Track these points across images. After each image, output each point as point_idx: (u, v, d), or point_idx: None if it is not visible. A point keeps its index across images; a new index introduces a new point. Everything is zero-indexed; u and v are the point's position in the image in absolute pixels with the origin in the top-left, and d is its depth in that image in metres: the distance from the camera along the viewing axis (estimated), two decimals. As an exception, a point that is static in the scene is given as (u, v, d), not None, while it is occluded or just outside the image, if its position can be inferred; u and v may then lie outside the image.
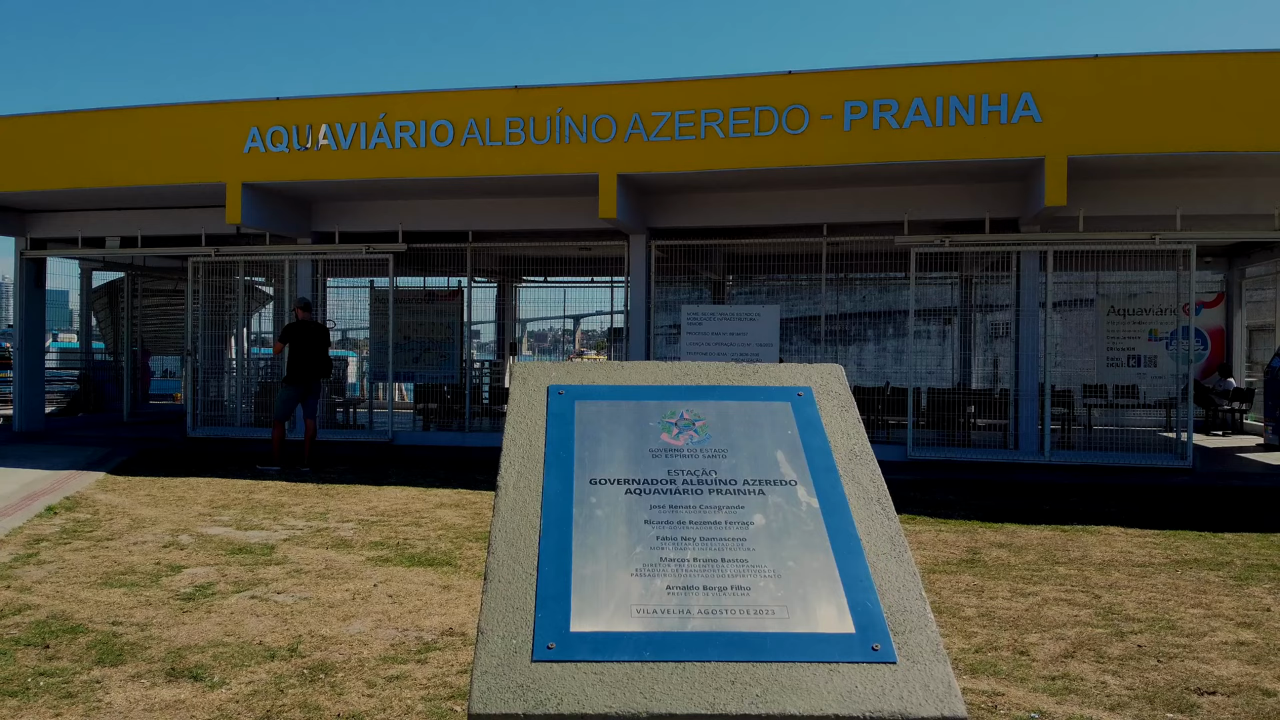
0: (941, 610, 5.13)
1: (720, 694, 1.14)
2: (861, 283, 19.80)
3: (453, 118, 11.25)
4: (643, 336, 12.65)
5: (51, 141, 12.53)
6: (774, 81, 10.51)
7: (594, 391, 1.60)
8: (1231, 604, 5.48)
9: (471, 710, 1.15)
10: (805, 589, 1.30)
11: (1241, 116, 9.62)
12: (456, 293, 15.18)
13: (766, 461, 1.50)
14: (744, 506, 1.42)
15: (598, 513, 1.40)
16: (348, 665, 4.14)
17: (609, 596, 1.30)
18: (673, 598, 1.29)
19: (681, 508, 1.42)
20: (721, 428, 1.55)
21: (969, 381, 17.04)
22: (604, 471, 1.47)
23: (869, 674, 1.18)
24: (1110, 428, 15.25)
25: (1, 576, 5.60)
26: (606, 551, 1.35)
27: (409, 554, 6.35)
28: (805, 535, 1.38)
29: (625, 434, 1.52)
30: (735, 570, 1.33)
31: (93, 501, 8.25)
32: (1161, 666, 4.27)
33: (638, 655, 1.19)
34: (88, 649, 4.33)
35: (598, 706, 1.12)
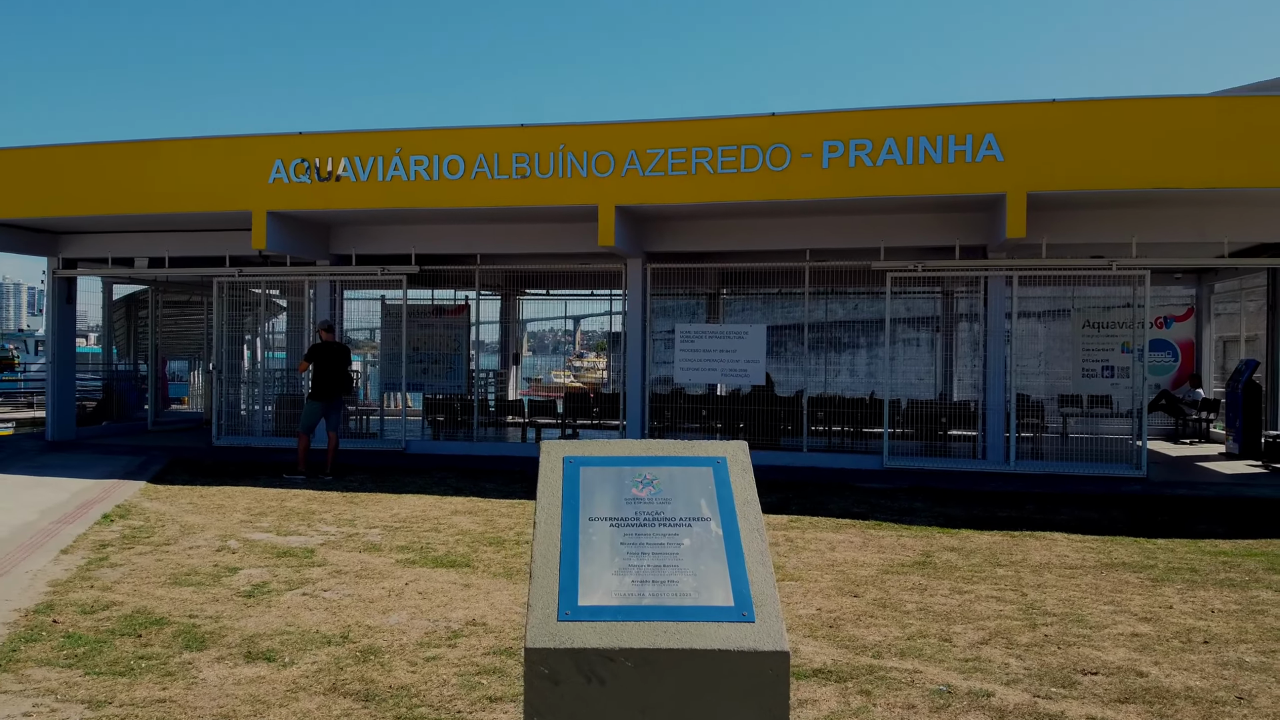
0: (885, 605, 6.04)
1: (658, 637, 2.05)
2: (854, 295, 20.75)
3: (464, 152, 12.16)
4: (639, 354, 13.54)
5: (87, 170, 13.45)
6: (758, 122, 11.43)
7: (592, 460, 2.51)
8: (1141, 601, 6.39)
9: (527, 645, 2.07)
10: (709, 582, 2.20)
11: (1190, 154, 10.53)
12: (463, 307, 16.10)
13: (694, 506, 2.40)
14: (678, 534, 2.32)
15: (593, 538, 2.31)
16: (391, 649, 5.05)
17: (599, 586, 2.21)
18: (635, 587, 2.20)
19: (642, 535, 2.33)
20: (668, 484, 2.45)
21: (950, 392, 17.92)
22: (596, 512, 2.38)
23: (739, 628, 2.09)
24: (1085, 435, 16.12)
25: (84, 578, 6.52)
26: (598, 560, 2.26)
27: (432, 556, 7.27)
28: (712, 551, 2.28)
29: (610, 489, 2.43)
30: (671, 572, 2.24)
31: (142, 509, 9.17)
32: (1060, 652, 5.19)
33: (615, 618, 2.10)
34: (174, 637, 5.25)
35: (592, 643, 2.03)
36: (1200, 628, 5.74)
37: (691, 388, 15.27)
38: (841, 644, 5.23)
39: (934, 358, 20.49)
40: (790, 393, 14.77)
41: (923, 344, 23.12)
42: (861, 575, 6.90)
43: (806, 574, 6.91)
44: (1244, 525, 9.25)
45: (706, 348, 13.48)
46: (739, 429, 13.93)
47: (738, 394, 14.58)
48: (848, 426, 13.73)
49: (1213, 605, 6.30)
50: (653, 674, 2.03)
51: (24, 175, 13.69)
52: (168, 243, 14.96)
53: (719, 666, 2.02)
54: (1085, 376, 18.53)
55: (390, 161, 12.35)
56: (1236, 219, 11.91)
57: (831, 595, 6.31)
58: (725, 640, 2.05)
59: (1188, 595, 6.56)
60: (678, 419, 14.85)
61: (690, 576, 2.20)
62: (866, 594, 6.35)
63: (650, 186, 11.76)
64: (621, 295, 14.81)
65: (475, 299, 15.72)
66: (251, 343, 18.27)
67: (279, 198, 12.69)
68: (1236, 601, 6.41)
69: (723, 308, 20.00)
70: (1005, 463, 12.35)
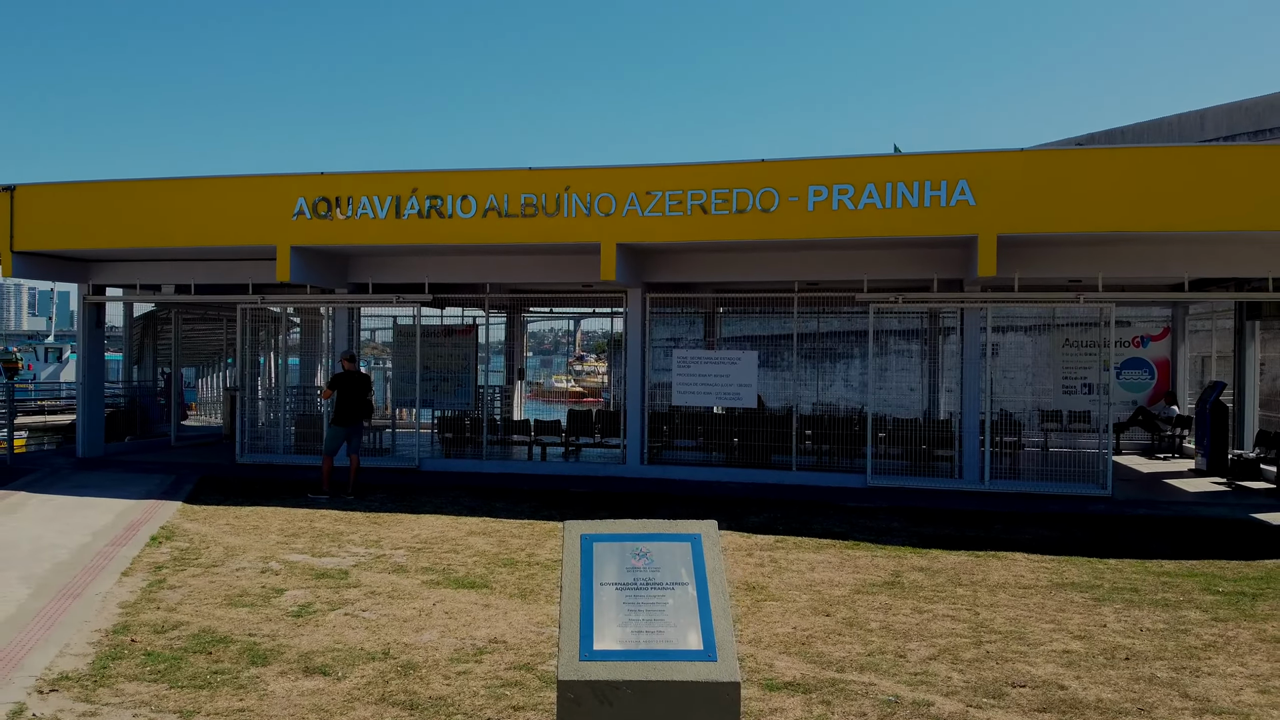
0: (853, 624, 6.92)
1: (649, 672, 2.93)
2: (844, 314, 21.63)
3: (475, 192, 13.05)
4: (638, 378, 14.42)
5: (122, 206, 14.34)
6: (749, 168, 12.31)
7: (602, 537, 3.37)
8: (1079, 621, 7.26)
9: (559, 678, 2.95)
10: (686, 632, 3.07)
11: (1145, 200, 11.41)
12: (472, 328, 16.99)
13: (676, 573, 3.26)
14: (664, 595, 3.19)
15: (603, 599, 3.18)
16: (427, 664, 5.93)
17: (608, 634, 3.07)
18: (633, 635, 3.07)
19: (638, 596, 3.19)
20: (658, 556, 3.31)
21: (936, 409, 18.77)
22: (605, 579, 3.25)
23: (706, 666, 2.95)
24: (1066, 449, 16.98)
25: (149, 599, 7.40)
26: (606, 615, 3.13)
27: (454, 578, 8.15)
28: (689, 609, 3.14)
29: (614, 560, 3.30)
30: (659, 624, 3.10)
31: (185, 531, 10.05)
32: (996, 667, 6.07)
33: (619, 658, 2.97)
34: (240, 654, 6.13)
35: (603, 677, 2.90)
36: (1126, 645, 6.62)
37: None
38: (811, 660, 6.11)
39: (923, 369, 21.34)
40: (783, 403, 15.58)
41: (914, 354, 24.00)
42: (835, 595, 7.78)
43: (786, 594, 7.79)
44: (1192, 546, 10.12)
45: (702, 372, 14.36)
46: (733, 448, 14.82)
47: (732, 413, 15.46)
48: (835, 445, 14.59)
49: (1143, 624, 7.18)
50: (646, 699, 2.89)
51: (61, 209, 14.58)
52: (193, 270, 15.86)
53: (692, 693, 2.89)
54: (1065, 393, 19.46)
55: (407, 200, 13.24)
56: (1195, 255, 12.78)
57: (806, 615, 7.18)
58: (696, 675, 2.91)
59: (1123, 614, 7.44)
60: (674, 436, 15.74)
61: (672, 628, 3.07)
62: (837, 613, 7.23)
63: (649, 225, 12.65)
64: (623, 312, 15.70)
65: (485, 323, 16.59)
66: (269, 362, 19.17)
67: (302, 233, 13.57)
68: (1165, 621, 7.28)
69: (719, 324, 20.88)
70: (980, 482, 13.22)
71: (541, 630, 6.66)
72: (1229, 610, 7.60)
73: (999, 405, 20.50)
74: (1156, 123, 36.42)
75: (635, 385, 14.46)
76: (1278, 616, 7.43)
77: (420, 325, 15.61)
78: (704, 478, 14.24)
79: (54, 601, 7.30)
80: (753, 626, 6.82)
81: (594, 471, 14.82)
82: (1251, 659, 6.35)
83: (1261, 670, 6.12)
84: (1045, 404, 19.55)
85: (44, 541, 9.46)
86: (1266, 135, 33.23)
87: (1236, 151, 11.82)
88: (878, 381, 15.19)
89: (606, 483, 13.90)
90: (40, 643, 6.30)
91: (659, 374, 24.46)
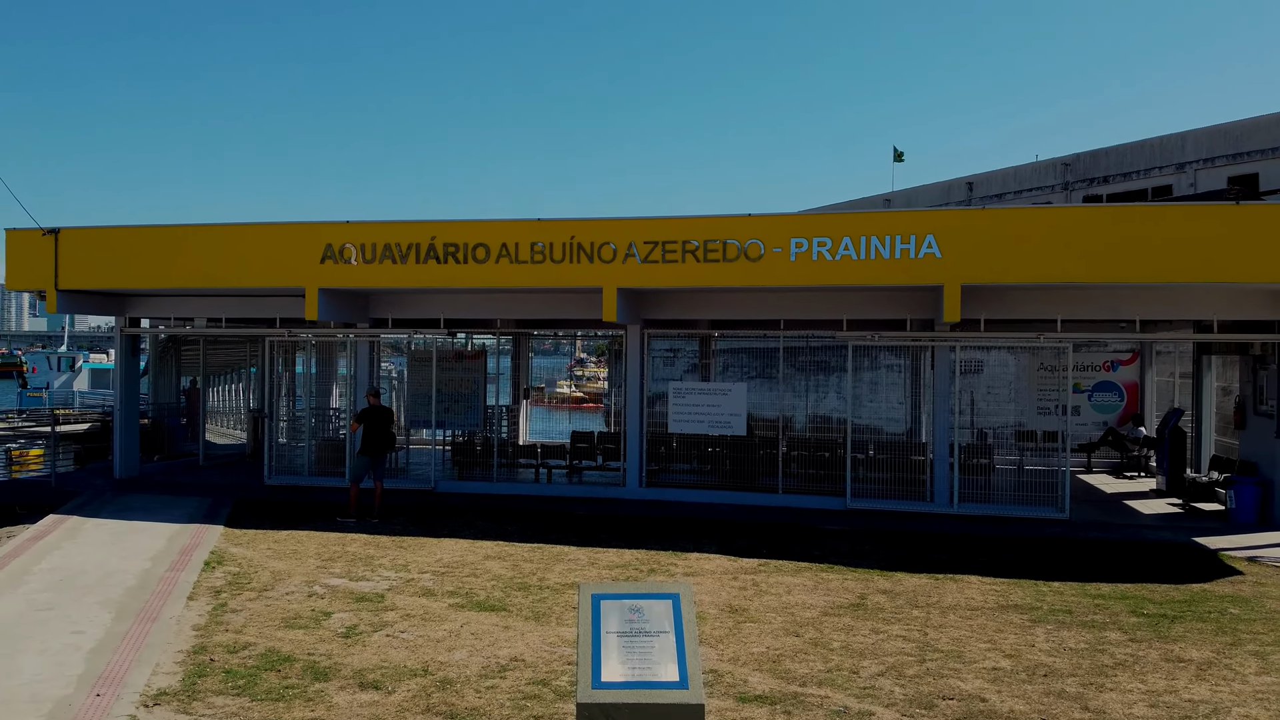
0: (818, 644, 8.14)
1: (641, 697, 4.13)
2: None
3: (488, 241, 14.28)
4: (637, 408, 15.65)
5: (159, 248, 15.56)
6: (737, 221, 13.55)
7: (608, 596, 4.58)
8: (1013, 640, 8.48)
9: (578, 701, 4.16)
10: (668, 667, 4.27)
11: (1095, 254, 12.61)
12: (481, 353, 18.23)
13: (661, 624, 4.47)
14: (652, 641, 4.39)
15: (609, 643, 4.39)
16: (460, 680, 7.15)
17: (612, 669, 4.26)
18: (630, 670, 4.27)
19: (634, 641, 4.40)
20: (648, 611, 4.52)
21: (920, 424, 19.94)
22: (609, 629, 4.46)
23: (680, 693, 4.15)
24: (1039, 467, 18.19)
25: (217, 622, 8.62)
26: (611, 655, 4.32)
27: (476, 601, 9.38)
28: (670, 651, 4.34)
29: (616, 614, 4.51)
30: (648, 662, 4.30)
31: (233, 556, 11.28)
32: (934, 682, 7.29)
33: (620, 687, 4.16)
34: (303, 671, 7.35)
35: (609, 700, 4.10)
36: (1047, 663, 7.84)
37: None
38: (779, 675, 7.34)
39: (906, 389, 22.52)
40: (777, 413, 16.62)
41: (903, 368, 25.22)
42: (806, 617, 9.01)
43: (764, 616, 9.02)
44: (1132, 569, 11.34)
45: (696, 402, 15.60)
46: (724, 472, 16.05)
47: (724, 438, 16.66)
48: (817, 470, 15.79)
49: (1067, 644, 8.40)
50: (639, 716, 4.09)
51: (102, 251, 15.81)
52: (223, 305, 17.11)
53: (671, 712, 4.08)
54: (1040, 413, 20.71)
55: (426, 247, 14.46)
56: (1145, 300, 14.01)
57: (779, 635, 8.41)
58: (673, 699, 4.12)
59: (1053, 635, 8.66)
60: (671, 460, 16.96)
61: (658, 664, 4.28)
62: (806, 634, 8.46)
63: (646, 271, 13.88)
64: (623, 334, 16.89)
65: (496, 351, 17.82)
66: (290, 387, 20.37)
67: (329, 276, 14.79)
68: (1087, 641, 8.50)
69: (714, 348, 22.13)
70: (949, 505, 14.44)
71: (554, 650, 7.89)
72: (1147, 632, 8.82)
73: (981, 421, 21.82)
74: (1140, 144, 37.71)
75: (634, 414, 15.68)
76: (1187, 638, 8.65)
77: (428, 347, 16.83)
78: (697, 499, 15.46)
79: (135, 625, 8.53)
80: (732, 647, 8.05)
81: (596, 493, 16.04)
82: (1152, 677, 7.57)
83: (1157, 687, 7.33)
84: (1022, 423, 20.77)
85: (110, 567, 10.69)
86: (1244, 158, 34.53)
87: (1174, 211, 13.04)
88: (860, 403, 16.41)
89: (607, 504, 15.12)
90: (134, 663, 7.52)
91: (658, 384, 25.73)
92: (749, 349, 27.19)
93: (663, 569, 10.90)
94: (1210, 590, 10.41)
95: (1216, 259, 12.22)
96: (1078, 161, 39.13)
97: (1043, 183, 40.35)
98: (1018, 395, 23.64)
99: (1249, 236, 12.17)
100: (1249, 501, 14.31)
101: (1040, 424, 20.16)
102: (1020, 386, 22.43)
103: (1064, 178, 39.28)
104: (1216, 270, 12.29)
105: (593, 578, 10.45)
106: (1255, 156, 33.53)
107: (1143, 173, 36.56)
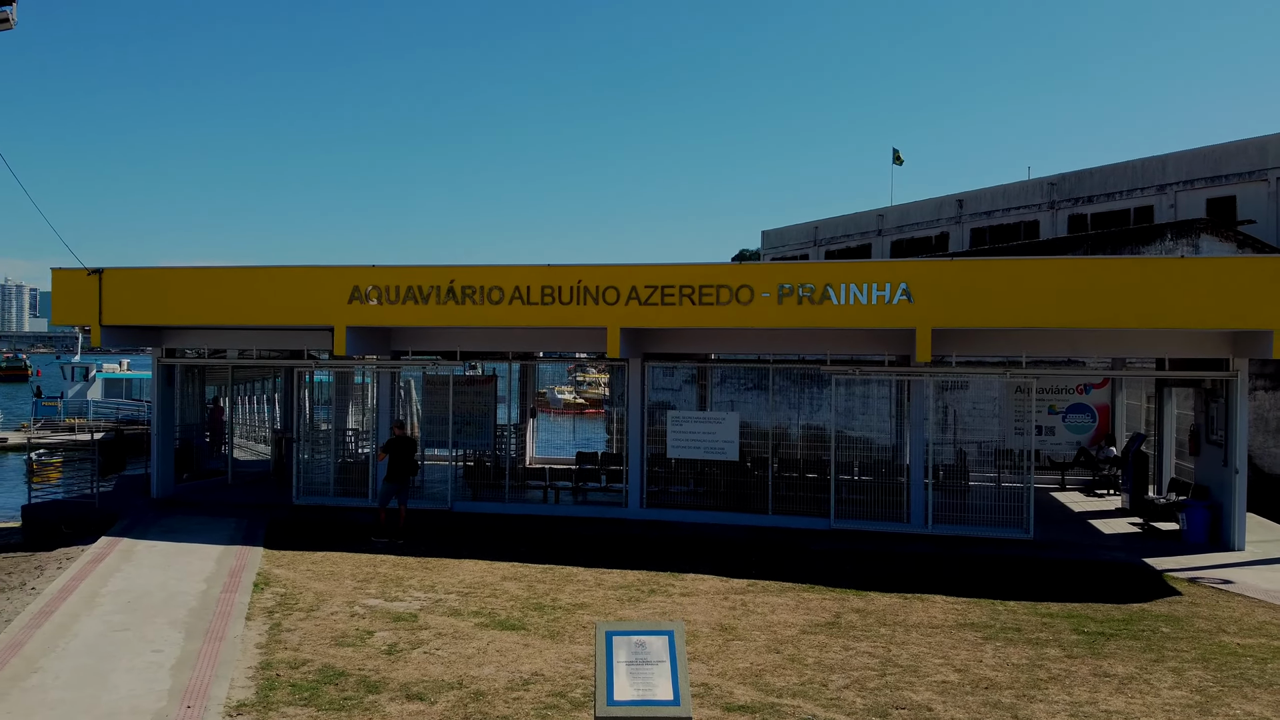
0: (795, 660, 9.46)
1: (644, 712, 5.46)
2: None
3: (502, 284, 15.61)
4: (638, 435, 16.97)
5: (197, 288, 16.90)
6: (729, 269, 14.90)
7: (619, 632, 5.86)
8: (965, 656, 9.80)
9: (595, 716, 5.47)
10: (664, 688, 5.57)
11: (1054, 301, 13.94)
12: (491, 378, 19.56)
13: (659, 655, 5.76)
14: (653, 669, 5.69)
15: (619, 670, 5.68)
16: (491, 692, 8.47)
17: (622, 690, 5.57)
18: (636, 691, 5.58)
19: (638, 669, 5.70)
20: (649, 644, 5.81)
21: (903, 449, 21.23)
22: (619, 659, 5.75)
23: (673, 709, 5.47)
24: (1016, 485, 19.49)
25: (276, 641, 9.95)
26: (621, 679, 5.62)
27: (498, 620, 10.70)
28: (666, 676, 5.64)
29: (625, 647, 5.80)
30: (650, 684, 5.61)
31: (277, 578, 12.60)
32: (890, 694, 8.61)
33: (629, 704, 5.47)
34: (357, 685, 8.68)
35: (620, 715, 5.43)
36: (990, 677, 9.16)
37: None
38: (759, 688, 8.66)
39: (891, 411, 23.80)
40: (773, 424, 17.94)
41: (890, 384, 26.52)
42: (786, 635, 10.33)
43: (749, 634, 10.35)
44: (1082, 589, 12.66)
45: (693, 430, 16.92)
46: (718, 494, 17.37)
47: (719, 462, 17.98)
48: (805, 493, 17.10)
49: (1011, 660, 9.72)
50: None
51: (143, 290, 17.14)
52: (254, 338, 18.43)
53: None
54: (1017, 433, 22.03)
55: (445, 290, 15.79)
56: (1102, 340, 15.35)
57: (762, 652, 9.74)
58: (668, 713, 5.43)
59: (1000, 651, 9.98)
60: (670, 481, 18.27)
61: (656, 687, 5.60)
62: (785, 650, 9.78)
63: (647, 313, 15.21)
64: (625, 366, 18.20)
65: (507, 375, 19.15)
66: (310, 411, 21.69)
67: (356, 316, 16.13)
68: (1029, 657, 9.81)
69: (710, 373, 23.44)
70: (924, 526, 15.76)
71: (569, 666, 9.21)
72: (1083, 649, 10.14)
73: (967, 435, 23.16)
74: (1123, 165, 39.10)
75: (635, 441, 17.01)
76: (1118, 655, 9.96)
77: (441, 373, 18.17)
78: (694, 519, 16.78)
79: (205, 644, 9.85)
80: (721, 663, 9.38)
81: (600, 513, 17.35)
82: (1078, 690, 8.88)
83: (1080, 699, 8.64)
84: (1002, 440, 22.09)
85: (170, 589, 12.01)
86: (1222, 181, 35.93)
87: (1123, 263, 14.39)
88: (853, 415, 17.73)
89: (611, 525, 16.45)
90: (213, 678, 8.85)
91: (658, 392, 27.12)
92: (744, 369, 28.54)
93: (662, 590, 12.23)
94: (1148, 610, 11.73)
95: (1163, 306, 13.56)
96: (1064, 181, 40.47)
97: (1030, 201, 41.72)
98: (1001, 411, 25.01)
99: (1192, 286, 13.51)
100: (1200, 524, 15.64)
101: (1017, 443, 21.50)
102: (1002, 404, 23.78)
103: (1050, 196, 40.64)
104: (1162, 317, 13.63)
105: (600, 598, 11.78)
106: (1233, 180, 34.94)
107: (1125, 193, 37.96)
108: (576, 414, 67.84)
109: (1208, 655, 9.91)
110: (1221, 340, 14.86)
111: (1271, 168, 33.54)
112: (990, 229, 43.07)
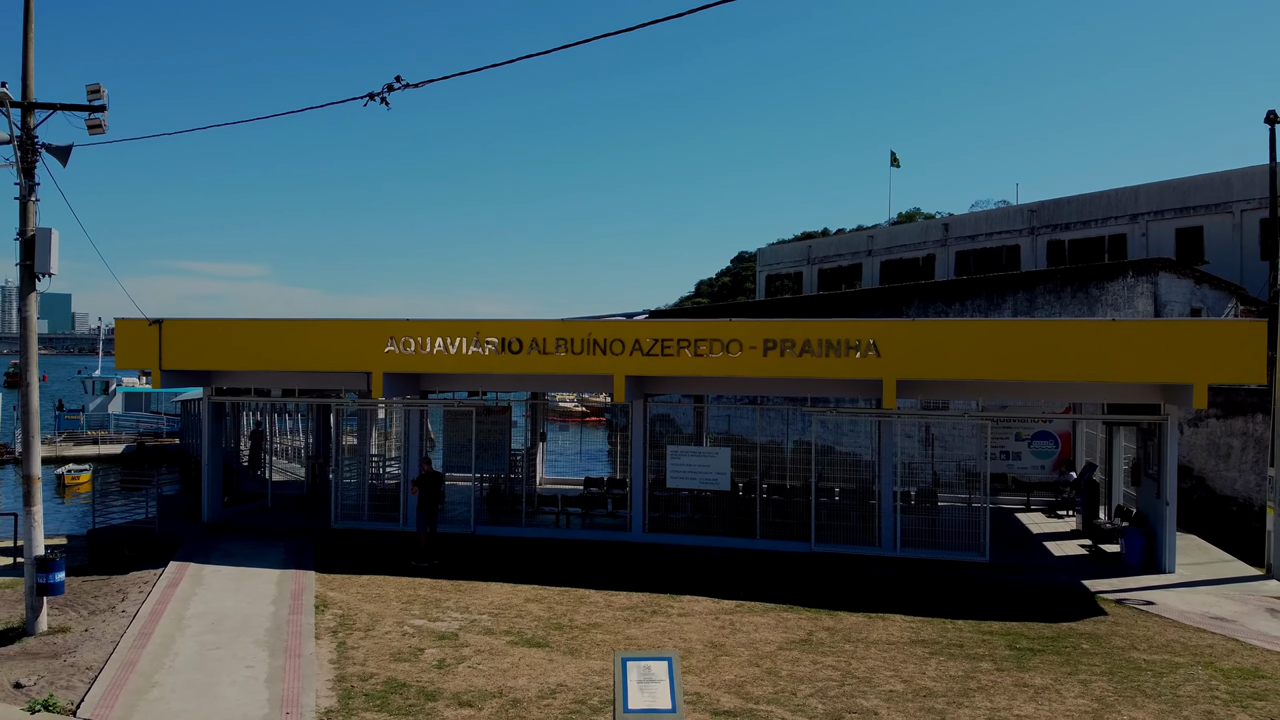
0: (771, 673, 11.56)
1: (649, 718, 7.58)
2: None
3: (522, 336, 17.73)
4: (641, 469, 19.09)
5: (247, 338, 19.00)
6: (721, 325, 17.00)
7: (631, 658, 7.91)
8: (913, 669, 11.89)
9: (615, 718, 7.58)
10: (665, 700, 7.67)
11: (1004, 358, 16.05)
12: (506, 409, 21.67)
13: (661, 677, 7.83)
14: (657, 685, 7.77)
15: (632, 687, 7.76)
16: (525, 700, 10.57)
17: (634, 701, 7.65)
18: (644, 702, 7.68)
19: (645, 686, 7.78)
20: (654, 667, 7.86)
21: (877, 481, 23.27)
22: (632, 679, 7.81)
23: (671, 716, 7.60)
24: (982, 505, 21.55)
25: (344, 658, 12.04)
26: (634, 693, 7.69)
27: (525, 638, 12.80)
28: (665, 690, 7.72)
29: (635, 670, 7.85)
30: (655, 698, 7.71)
31: (333, 600, 14.70)
32: (845, 701, 10.70)
33: (640, 712, 7.59)
34: (417, 694, 10.77)
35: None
36: (930, 687, 11.25)
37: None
38: (741, 696, 10.76)
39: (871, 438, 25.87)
40: (768, 438, 19.99)
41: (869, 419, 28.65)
42: (766, 651, 12.44)
43: (735, 650, 12.45)
44: (1023, 609, 14.73)
45: (689, 462, 19.03)
46: (713, 520, 19.48)
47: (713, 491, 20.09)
48: (789, 519, 19.20)
49: (950, 672, 11.81)
50: (649, 729, 7.52)
51: (198, 339, 19.24)
52: (297, 379, 20.55)
53: (666, 727, 7.51)
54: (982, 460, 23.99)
55: (471, 341, 17.91)
56: (1048, 390, 17.46)
57: (744, 666, 11.84)
58: (666, 715, 7.54)
59: (943, 665, 12.06)
60: (670, 508, 20.38)
61: (659, 699, 7.67)
62: (764, 664, 11.88)
63: (649, 363, 17.32)
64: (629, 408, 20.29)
65: (523, 424, 21.26)
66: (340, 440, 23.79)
67: (391, 363, 18.23)
68: (965, 670, 11.90)
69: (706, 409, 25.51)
70: (894, 549, 17.87)
71: (587, 678, 11.30)
72: (1011, 663, 12.22)
73: (945, 454, 25.23)
74: (1098, 195, 41.23)
75: (638, 472, 19.12)
76: (1040, 668, 12.04)
77: (461, 406, 20.29)
78: (691, 543, 18.87)
79: (288, 660, 11.95)
80: (710, 675, 11.48)
81: (607, 537, 19.44)
82: (999, 698, 10.97)
83: (999, 705, 10.73)
84: (972, 464, 24.16)
85: (244, 611, 14.10)
86: (1190, 212, 38.10)
87: (1065, 325, 16.49)
88: (841, 433, 19.82)
89: (616, 548, 18.55)
90: (300, 689, 10.94)
91: (657, 406, 29.20)
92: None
93: (662, 611, 14.33)
94: (1074, 628, 13.81)
95: (1098, 362, 15.67)
96: (1043, 209, 42.62)
97: (1011, 226, 43.86)
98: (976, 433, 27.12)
99: (1124, 345, 15.62)
100: (1136, 548, 17.73)
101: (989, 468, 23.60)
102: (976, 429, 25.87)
103: (1030, 223, 42.78)
104: (1098, 372, 15.74)
105: (610, 618, 13.88)
106: (1200, 211, 37.10)
107: (1100, 221, 40.11)
108: (579, 421, 69.98)
109: (1114, 669, 11.97)
110: (1153, 389, 16.97)
111: (1236, 200, 35.70)
112: (975, 252, 45.26)
